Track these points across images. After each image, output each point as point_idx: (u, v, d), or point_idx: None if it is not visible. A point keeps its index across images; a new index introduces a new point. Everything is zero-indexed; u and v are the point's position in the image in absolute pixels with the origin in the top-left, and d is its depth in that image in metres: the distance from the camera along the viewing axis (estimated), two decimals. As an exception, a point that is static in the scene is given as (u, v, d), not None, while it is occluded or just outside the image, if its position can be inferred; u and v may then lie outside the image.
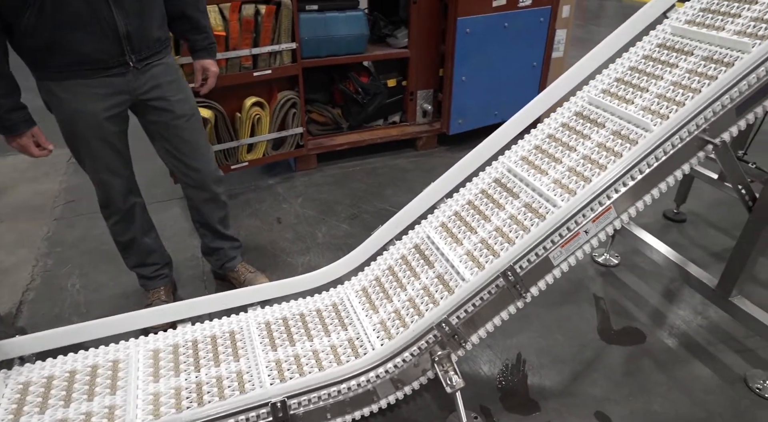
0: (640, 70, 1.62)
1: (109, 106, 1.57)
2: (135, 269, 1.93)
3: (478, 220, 1.56)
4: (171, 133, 1.72)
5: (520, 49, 3.13)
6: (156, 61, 1.62)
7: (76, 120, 1.56)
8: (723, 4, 1.59)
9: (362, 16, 2.79)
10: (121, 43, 1.50)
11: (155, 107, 1.66)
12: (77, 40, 1.44)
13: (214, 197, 1.90)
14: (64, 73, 1.49)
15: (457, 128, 3.14)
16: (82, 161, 1.67)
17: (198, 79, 1.86)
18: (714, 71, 1.45)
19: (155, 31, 1.59)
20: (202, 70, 1.85)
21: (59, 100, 1.53)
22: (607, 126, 1.53)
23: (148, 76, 1.61)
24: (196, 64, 1.83)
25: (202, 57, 1.82)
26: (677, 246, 2.40)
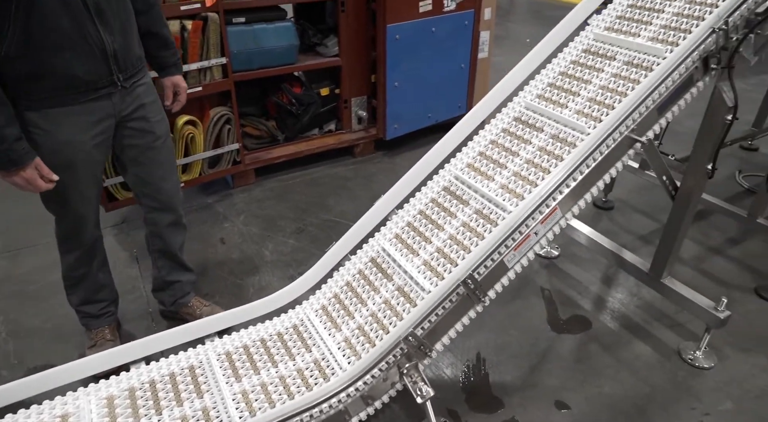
0: (570, 75, 1.71)
1: (96, 133, 1.51)
2: (80, 307, 1.80)
3: (432, 229, 1.59)
4: (147, 157, 1.67)
5: (448, 52, 3.21)
6: (140, 81, 1.58)
7: (63, 151, 1.47)
8: (636, 12, 1.71)
9: (291, 27, 2.75)
10: (108, 62, 1.45)
11: (137, 128, 1.61)
12: (66, 61, 1.37)
13: (178, 219, 1.85)
14: (50, 100, 1.41)
15: (393, 132, 3.18)
16: (60, 196, 1.55)
17: (169, 97, 1.82)
18: (636, 75, 1.56)
19: (136, 48, 1.56)
20: (172, 86, 1.80)
21: (44, 132, 1.43)
22: (546, 130, 1.61)
23: (134, 96, 1.57)
24: (167, 81, 1.79)
25: (172, 73, 1.78)
26: (609, 233, 2.57)
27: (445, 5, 3.05)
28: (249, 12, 2.61)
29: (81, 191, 1.58)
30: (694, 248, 2.45)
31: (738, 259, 2.38)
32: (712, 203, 2.36)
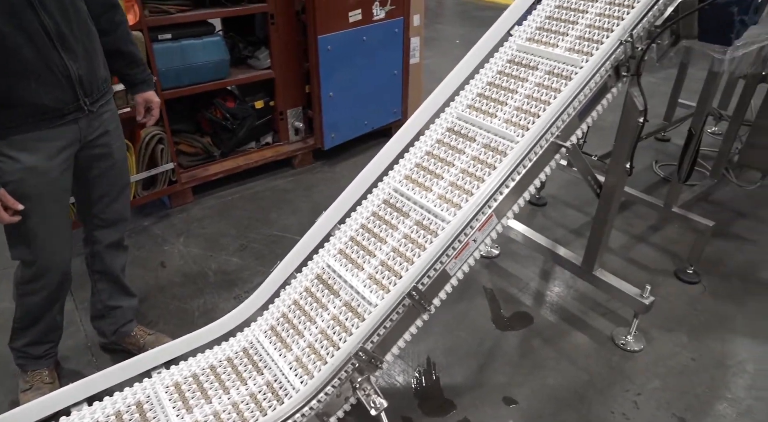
0: (498, 85, 1.79)
1: (63, 159, 1.49)
2: (24, 348, 1.71)
3: (375, 243, 1.62)
4: (103, 178, 1.65)
5: (380, 60, 3.26)
6: (106, 106, 1.58)
7: (28, 180, 1.43)
8: (554, 23, 1.81)
9: (220, 41, 2.71)
10: (74, 88, 1.43)
11: (98, 154, 1.60)
12: (31, 90, 1.35)
13: (121, 240, 1.82)
14: (16, 128, 1.38)
15: (330, 142, 3.19)
16: (29, 232, 1.49)
17: (141, 112, 1.80)
18: (557, 84, 1.66)
19: (102, 70, 1.54)
20: (144, 102, 1.79)
21: (9, 159, 1.39)
22: (478, 140, 1.68)
23: (100, 122, 1.56)
24: (138, 98, 1.77)
25: (143, 90, 1.77)
26: (544, 229, 2.70)
27: (375, 14, 3.09)
28: (175, 28, 2.55)
29: (50, 224, 1.53)
30: (620, 238, 2.62)
31: (659, 245, 2.57)
32: (633, 195, 2.53)
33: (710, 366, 1.91)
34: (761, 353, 1.97)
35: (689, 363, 1.92)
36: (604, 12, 1.73)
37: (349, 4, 2.91)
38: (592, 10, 1.77)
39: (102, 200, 1.69)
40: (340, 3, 2.87)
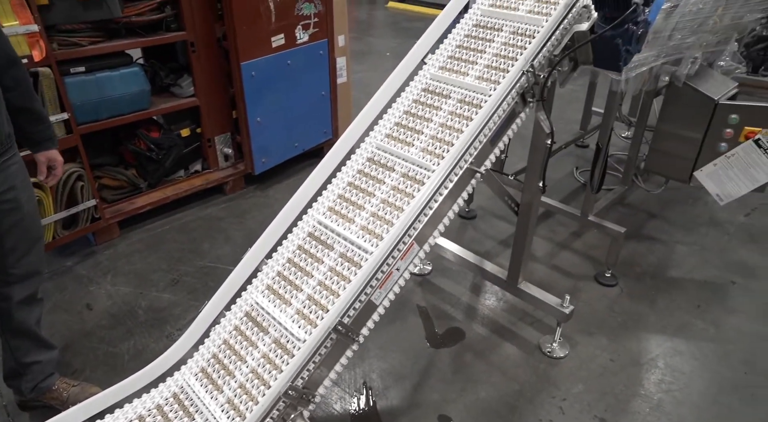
0: (413, 114, 1.85)
1: None
2: None
3: (301, 277, 1.64)
4: (13, 235, 1.59)
5: (307, 82, 3.28)
6: (11, 160, 1.53)
7: None
8: (464, 53, 1.90)
9: (139, 72, 2.65)
10: None
11: (7, 209, 1.55)
12: None
13: (34, 293, 1.74)
14: None
15: (261, 166, 3.18)
16: None
17: (43, 172, 1.74)
18: (468, 112, 1.74)
19: (5, 126, 1.50)
20: (47, 161, 1.73)
21: None
22: (397, 169, 1.73)
23: (5, 176, 1.51)
24: (40, 156, 1.71)
25: (47, 148, 1.72)
26: (474, 241, 2.80)
27: (298, 38, 3.11)
28: (89, 61, 2.47)
29: None
30: (545, 246, 2.75)
31: (580, 251, 2.72)
32: (553, 206, 2.68)
33: (627, 365, 2.05)
34: (669, 348, 2.13)
35: (608, 364, 2.05)
36: (508, 42, 1.83)
37: (271, 29, 2.92)
38: (498, 39, 1.86)
39: (12, 255, 1.61)
40: (262, 29, 2.87)
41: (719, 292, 2.45)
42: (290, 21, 3.01)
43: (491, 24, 1.92)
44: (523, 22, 1.84)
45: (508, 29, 1.86)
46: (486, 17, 1.94)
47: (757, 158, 2.39)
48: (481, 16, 1.96)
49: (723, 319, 2.29)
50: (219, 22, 2.85)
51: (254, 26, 2.82)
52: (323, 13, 3.19)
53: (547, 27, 1.74)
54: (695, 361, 2.07)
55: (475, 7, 2.00)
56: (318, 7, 3.15)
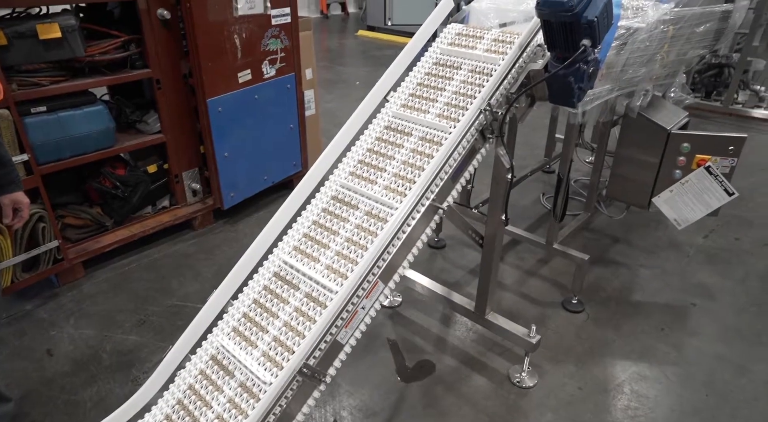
0: (376, 152, 1.89)
1: None
2: None
3: (267, 318, 1.64)
4: None
5: (275, 116, 3.31)
6: None
7: None
8: (424, 90, 1.96)
9: (103, 110, 2.63)
10: None
11: None
12: None
13: None
14: None
15: (230, 201, 3.17)
16: None
17: (9, 215, 1.74)
18: (430, 150, 1.78)
19: None
20: (12, 204, 1.74)
21: None
22: (360, 207, 1.75)
23: None
24: (5, 199, 1.72)
25: (11, 190, 1.72)
26: (444, 271, 2.83)
27: (265, 73, 3.15)
28: (51, 100, 2.45)
29: None
30: (513, 274, 2.80)
31: (548, 277, 2.77)
32: (519, 234, 2.73)
33: (594, 392, 2.08)
34: (634, 373, 2.17)
35: (576, 392, 2.08)
36: (467, 80, 1.90)
37: (237, 65, 2.95)
38: (457, 77, 1.93)
39: None
40: (228, 65, 2.90)
41: (681, 315, 2.52)
42: (257, 57, 3.05)
43: (450, 62, 1.98)
44: (480, 60, 1.91)
45: (466, 68, 1.93)
46: (446, 56, 2.01)
47: (708, 185, 2.49)
48: (440, 54, 2.03)
49: (685, 341, 2.35)
50: (185, 59, 2.86)
51: (220, 63, 2.85)
52: (290, 48, 3.24)
53: (503, 66, 1.81)
54: (659, 385, 2.11)
55: (435, 46, 2.07)
56: (284, 43, 3.20)
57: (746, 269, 2.87)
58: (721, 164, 2.47)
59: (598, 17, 1.57)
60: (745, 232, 3.22)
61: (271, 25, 3.07)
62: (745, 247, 3.08)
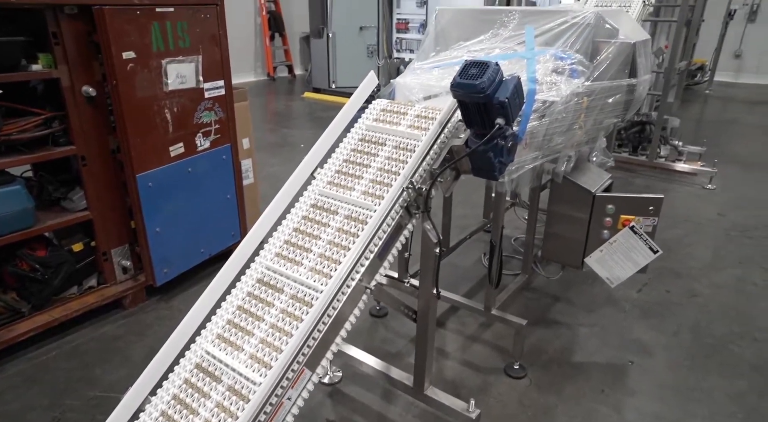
0: (302, 231, 1.85)
1: None
2: None
3: (187, 416, 1.53)
4: None
5: (211, 187, 3.25)
6: None
7: None
8: (350, 167, 1.97)
9: (20, 190, 2.51)
10: None
11: None
12: None
13: None
14: None
15: (163, 277, 3.04)
16: None
17: None
18: (356, 229, 1.77)
19: None
20: None
21: None
22: (286, 291, 1.70)
23: None
24: None
25: None
26: (386, 342, 2.77)
27: (199, 145, 3.12)
28: (-38, 183, 2.33)
29: None
30: (455, 341, 2.77)
31: (490, 342, 2.76)
32: (457, 301, 2.73)
33: (539, 466, 2.03)
34: (580, 441, 2.15)
35: (521, 467, 2.03)
36: (391, 156, 1.92)
37: (168, 139, 2.91)
38: (382, 154, 1.95)
39: None
40: (159, 139, 2.86)
41: (620, 374, 2.54)
42: (190, 129, 3.02)
43: (375, 139, 2.01)
44: (404, 137, 1.95)
45: (391, 144, 1.96)
46: (371, 132, 2.04)
47: (635, 243, 2.59)
48: (366, 131, 2.06)
49: (624, 402, 2.36)
50: (113, 134, 2.80)
51: (150, 138, 2.80)
52: (225, 119, 3.24)
53: (425, 142, 1.85)
54: (603, 452, 2.09)
55: (360, 122, 2.11)
56: (219, 114, 3.19)
57: (678, 322, 2.95)
58: (644, 223, 2.58)
59: (509, 98, 1.64)
60: (674, 284, 3.34)
61: (204, 98, 3.07)
62: (675, 299, 3.18)
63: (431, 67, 2.40)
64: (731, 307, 3.10)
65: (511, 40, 2.46)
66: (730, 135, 6.86)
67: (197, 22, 2.91)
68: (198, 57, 2.97)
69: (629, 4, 3.65)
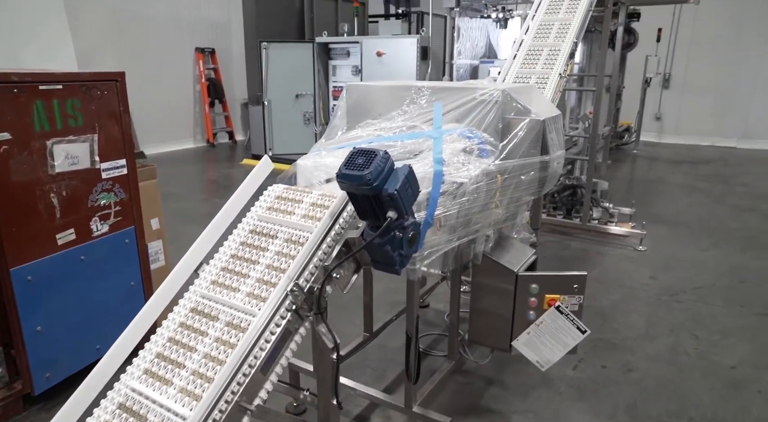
0: (178, 342, 1.60)
1: None
2: None
3: None
4: None
5: (110, 275, 2.94)
6: None
7: None
8: (237, 264, 1.75)
9: None
10: None
11: None
12: None
13: None
14: None
15: (44, 383, 2.65)
16: None
17: None
18: (235, 339, 1.53)
19: None
20: None
21: None
22: (150, 419, 1.43)
23: None
24: None
25: None
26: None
27: (95, 230, 2.83)
28: None
29: None
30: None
31: (417, 441, 2.49)
32: (375, 397, 2.48)
33: None
34: None
35: None
36: (281, 251, 1.72)
37: (55, 226, 2.62)
38: (272, 248, 1.75)
39: None
40: (42, 227, 2.56)
41: (556, 471, 2.33)
42: (83, 214, 2.75)
43: (267, 230, 1.82)
44: (297, 228, 1.76)
45: (282, 236, 1.77)
46: (263, 223, 1.85)
47: (562, 324, 2.45)
48: (258, 221, 1.87)
49: None
50: (-12, 223, 2.49)
51: (30, 226, 2.51)
52: (127, 200, 2.98)
53: (314, 236, 1.68)
54: None
55: (253, 211, 1.92)
56: (119, 196, 2.94)
57: (614, 402, 2.80)
58: (570, 302, 2.46)
59: (399, 190, 1.50)
60: (610, 357, 3.22)
61: (102, 179, 2.82)
62: (611, 375, 3.05)
63: (336, 147, 2.27)
64: (667, 381, 2.99)
65: (420, 117, 2.38)
66: (657, 194, 7.11)
67: (92, 99, 2.71)
68: (93, 136, 2.74)
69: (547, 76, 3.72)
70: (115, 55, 9.12)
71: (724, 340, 3.42)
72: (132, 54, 9.38)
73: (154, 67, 9.79)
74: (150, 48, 9.73)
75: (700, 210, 6.41)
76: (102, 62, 8.73)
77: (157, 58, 9.86)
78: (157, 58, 9.87)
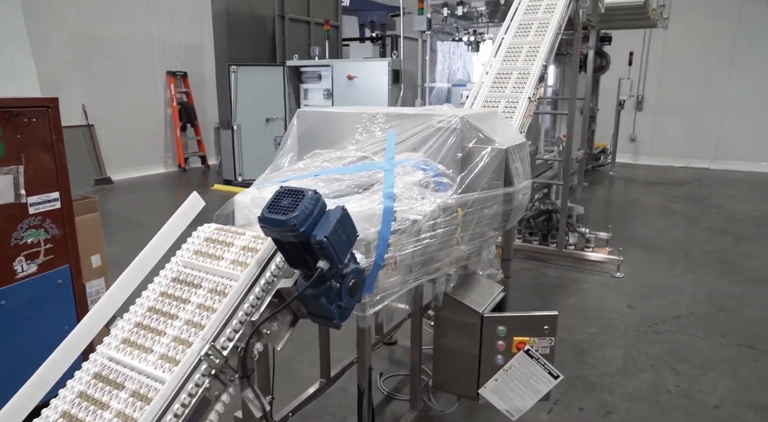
0: (73, 416, 1.36)
1: None
2: None
3: None
4: None
5: (38, 321, 2.66)
6: None
7: None
8: (154, 319, 1.52)
9: None
10: None
11: None
12: None
13: None
14: None
15: (-45, 448, 2.34)
16: None
17: None
18: (139, 412, 1.30)
19: None
20: None
21: None
22: None
23: None
24: None
25: None
26: None
27: (20, 271, 2.56)
28: None
29: None
30: None
31: None
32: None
33: None
34: None
35: None
36: (204, 303, 1.49)
37: (-29, 269, 2.35)
38: (195, 300, 1.52)
39: None
40: (-46, 271, 2.29)
41: None
42: (4, 254, 2.48)
43: (191, 278, 1.59)
44: (223, 276, 1.54)
45: (207, 286, 1.55)
46: (187, 269, 1.62)
47: (533, 369, 2.25)
48: (182, 267, 1.64)
49: None
50: None
51: (-61, 270, 2.24)
52: (60, 236, 2.72)
53: (237, 288, 1.45)
54: None
55: (178, 256, 1.69)
56: (51, 232, 2.67)
57: (594, 451, 2.59)
58: (540, 345, 2.26)
59: (329, 237, 1.29)
60: (587, 398, 3.01)
61: (29, 214, 2.56)
62: (589, 419, 2.84)
63: (280, 180, 2.06)
64: (648, 424, 2.79)
65: (373, 146, 2.19)
66: (633, 217, 7.02)
67: (16, 127, 2.47)
68: (18, 167, 2.49)
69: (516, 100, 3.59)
70: (84, 79, 8.86)
71: (705, 376, 3.24)
72: (101, 78, 9.13)
73: (124, 91, 9.54)
74: (119, 71, 9.49)
75: (675, 233, 6.33)
76: (69, 86, 8.46)
77: (127, 81, 9.62)
78: (127, 82, 9.62)
